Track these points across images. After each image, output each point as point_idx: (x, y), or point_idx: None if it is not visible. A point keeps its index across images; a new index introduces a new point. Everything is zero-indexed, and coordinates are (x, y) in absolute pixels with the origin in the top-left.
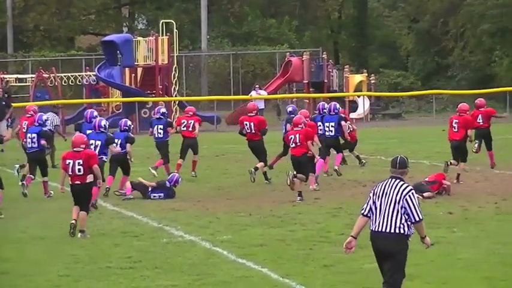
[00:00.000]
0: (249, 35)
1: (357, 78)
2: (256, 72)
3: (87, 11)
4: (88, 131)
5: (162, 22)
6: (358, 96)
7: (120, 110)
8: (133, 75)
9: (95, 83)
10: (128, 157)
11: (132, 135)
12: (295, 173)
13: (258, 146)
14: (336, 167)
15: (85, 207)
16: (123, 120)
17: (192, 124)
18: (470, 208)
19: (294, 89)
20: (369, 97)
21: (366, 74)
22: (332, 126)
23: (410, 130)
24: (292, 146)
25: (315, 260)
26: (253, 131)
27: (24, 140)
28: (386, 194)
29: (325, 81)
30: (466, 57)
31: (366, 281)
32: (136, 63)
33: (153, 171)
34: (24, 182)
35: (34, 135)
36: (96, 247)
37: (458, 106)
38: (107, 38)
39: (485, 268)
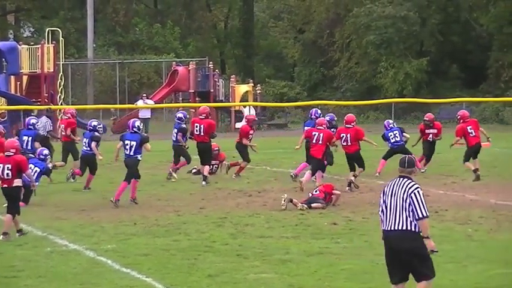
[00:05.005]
0: (135, 44)
1: (243, 88)
2: (143, 81)
3: None
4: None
5: (48, 30)
6: (244, 106)
7: (5, 118)
8: (18, 83)
9: None
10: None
11: (98, 135)
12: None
13: (206, 149)
14: (422, 169)
15: (11, 210)
16: (91, 120)
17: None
18: (354, 219)
19: (180, 99)
20: (255, 107)
21: (252, 84)
22: (397, 135)
23: (296, 140)
24: (343, 144)
25: (199, 270)
26: (202, 134)
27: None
28: (394, 193)
29: (212, 90)
30: (352, 68)
31: None
32: (21, 71)
33: (174, 175)
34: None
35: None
36: None
37: (461, 114)
38: None
39: (368, 279)
